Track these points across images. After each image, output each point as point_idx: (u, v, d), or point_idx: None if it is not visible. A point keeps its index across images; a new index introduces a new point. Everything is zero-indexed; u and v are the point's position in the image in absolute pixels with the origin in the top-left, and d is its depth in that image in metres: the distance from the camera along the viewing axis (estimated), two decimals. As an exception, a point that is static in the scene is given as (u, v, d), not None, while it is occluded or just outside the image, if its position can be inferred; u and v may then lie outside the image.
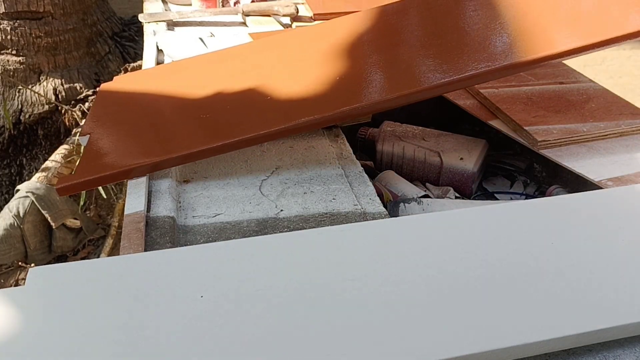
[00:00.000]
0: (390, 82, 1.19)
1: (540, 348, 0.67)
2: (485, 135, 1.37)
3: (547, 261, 0.78)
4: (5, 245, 2.16)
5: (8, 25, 2.79)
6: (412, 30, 1.39)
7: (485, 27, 1.25)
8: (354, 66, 1.24)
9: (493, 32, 1.22)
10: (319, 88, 1.17)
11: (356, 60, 1.27)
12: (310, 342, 0.66)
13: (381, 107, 1.15)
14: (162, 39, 1.77)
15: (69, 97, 2.89)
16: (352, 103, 1.09)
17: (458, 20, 1.33)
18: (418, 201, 1.10)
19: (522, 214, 0.89)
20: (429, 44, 1.27)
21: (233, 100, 1.21)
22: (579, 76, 1.48)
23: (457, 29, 1.29)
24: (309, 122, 1.07)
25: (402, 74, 1.19)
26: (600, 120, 1.22)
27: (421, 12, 1.45)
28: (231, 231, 0.93)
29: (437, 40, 1.27)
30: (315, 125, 1.09)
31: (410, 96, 1.10)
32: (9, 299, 0.72)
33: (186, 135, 1.12)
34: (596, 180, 1.05)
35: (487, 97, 1.32)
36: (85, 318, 0.69)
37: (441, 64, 1.16)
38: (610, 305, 0.71)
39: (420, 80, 1.14)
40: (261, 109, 1.15)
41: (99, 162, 1.07)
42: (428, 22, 1.39)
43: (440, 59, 1.19)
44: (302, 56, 1.36)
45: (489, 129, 1.30)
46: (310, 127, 1.09)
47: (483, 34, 1.23)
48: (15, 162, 2.84)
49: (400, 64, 1.23)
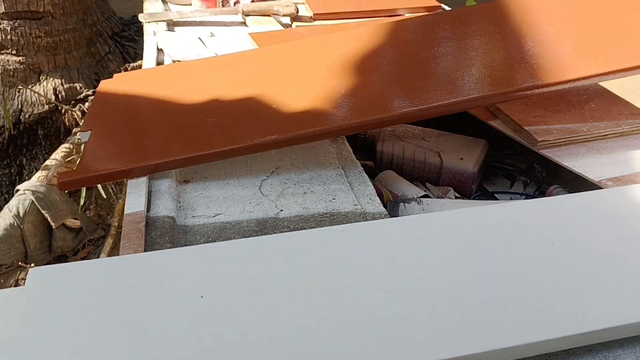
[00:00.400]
0: (391, 99, 1.19)
1: (540, 348, 0.67)
2: (485, 135, 1.37)
3: (547, 261, 0.78)
4: (5, 245, 2.16)
5: (8, 25, 2.79)
6: (412, 49, 1.39)
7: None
8: (360, 81, 1.24)
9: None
10: (321, 101, 1.18)
11: (363, 75, 1.27)
12: (310, 342, 0.66)
13: (385, 124, 1.16)
14: (162, 38, 1.77)
15: (69, 97, 2.89)
16: (359, 117, 1.10)
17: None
18: (418, 201, 1.10)
19: (523, 214, 0.89)
20: (430, 64, 1.29)
21: (237, 106, 1.21)
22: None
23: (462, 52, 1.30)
24: (311, 133, 1.08)
25: (406, 92, 1.19)
26: (600, 120, 1.22)
27: (425, 30, 1.46)
28: (231, 231, 0.93)
29: (436, 61, 1.29)
30: (315, 137, 1.10)
31: (410, 115, 1.11)
32: (9, 299, 0.72)
33: (188, 138, 1.11)
34: (596, 180, 1.05)
35: (487, 97, 1.32)
36: (85, 318, 0.69)
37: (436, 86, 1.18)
38: (610, 305, 0.71)
39: (424, 99, 1.14)
40: (265, 117, 1.14)
41: (100, 160, 1.07)
42: (431, 42, 1.40)
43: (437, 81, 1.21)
44: (306, 68, 1.36)
45: (489, 129, 1.30)
46: (312, 138, 1.10)
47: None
48: (15, 162, 2.84)
49: (406, 81, 1.24)
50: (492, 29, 1.40)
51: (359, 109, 1.14)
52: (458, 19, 1.47)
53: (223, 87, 1.30)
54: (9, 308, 0.70)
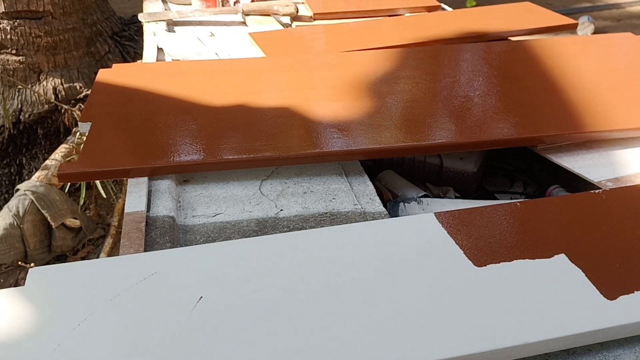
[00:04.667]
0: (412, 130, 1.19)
1: (540, 348, 0.67)
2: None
3: (548, 260, 0.78)
4: (5, 245, 2.16)
5: (8, 24, 2.79)
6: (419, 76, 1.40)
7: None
8: (372, 104, 1.25)
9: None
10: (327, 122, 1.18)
11: (376, 98, 1.28)
12: (310, 342, 0.66)
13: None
14: (162, 38, 1.77)
15: (68, 96, 2.89)
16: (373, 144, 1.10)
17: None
18: (418, 201, 1.10)
19: (522, 214, 0.89)
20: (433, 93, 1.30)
21: (241, 115, 1.21)
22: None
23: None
24: (318, 153, 1.08)
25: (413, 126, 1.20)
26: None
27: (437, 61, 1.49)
28: (231, 231, 0.93)
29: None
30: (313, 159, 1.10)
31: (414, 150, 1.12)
32: (8, 299, 0.72)
33: (190, 142, 1.11)
34: (596, 181, 1.05)
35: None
36: (84, 318, 0.69)
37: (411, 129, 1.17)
38: (609, 305, 0.71)
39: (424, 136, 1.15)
40: (273, 133, 1.14)
41: (100, 156, 1.07)
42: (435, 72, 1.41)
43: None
44: (312, 84, 1.37)
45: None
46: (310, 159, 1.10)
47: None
48: (15, 161, 2.84)
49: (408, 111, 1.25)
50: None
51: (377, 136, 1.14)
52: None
53: (230, 94, 1.30)
54: (9, 308, 0.70)
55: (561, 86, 1.36)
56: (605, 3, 5.30)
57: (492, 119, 1.20)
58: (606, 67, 1.45)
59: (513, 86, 1.35)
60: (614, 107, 1.24)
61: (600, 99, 1.27)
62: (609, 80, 1.37)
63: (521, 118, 1.19)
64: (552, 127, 1.17)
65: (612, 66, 1.46)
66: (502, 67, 1.47)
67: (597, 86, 1.34)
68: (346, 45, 1.66)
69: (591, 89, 1.32)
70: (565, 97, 1.30)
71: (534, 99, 1.28)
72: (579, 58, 1.51)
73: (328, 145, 1.09)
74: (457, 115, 1.21)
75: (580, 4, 5.23)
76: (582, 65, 1.46)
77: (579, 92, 1.31)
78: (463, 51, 1.56)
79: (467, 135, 1.14)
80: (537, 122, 1.19)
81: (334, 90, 1.32)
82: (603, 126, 1.17)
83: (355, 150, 1.09)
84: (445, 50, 1.57)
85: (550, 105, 1.26)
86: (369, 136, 1.12)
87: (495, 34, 1.77)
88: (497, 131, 1.15)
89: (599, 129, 1.16)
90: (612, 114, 1.21)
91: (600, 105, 1.25)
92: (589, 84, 1.35)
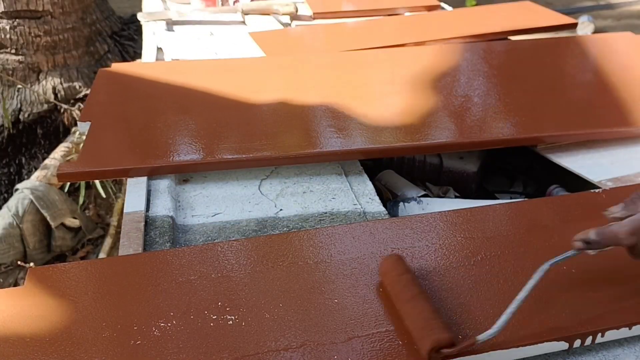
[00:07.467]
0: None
1: (540, 348, 0.67)
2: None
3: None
4: (4, 245, 2.16)
5: (7, 24, 2.79)
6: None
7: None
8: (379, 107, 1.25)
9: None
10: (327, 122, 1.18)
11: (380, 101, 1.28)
12: (311, 341, 0.66)
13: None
14: (162, 37, 1.76)
15: (68, 96, 2.89)
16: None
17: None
18: (418, 201, 1.10)
19: (522, 214, 0.89)
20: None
21: (240, 115, 1.21)
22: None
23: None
24: (318, 153, 1.08)
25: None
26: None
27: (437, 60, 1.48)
28: (230, 230, 0.93)
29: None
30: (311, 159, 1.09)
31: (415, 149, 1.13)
32: (8, 299, 0.72)
33: (190, 142, 1.11)
34: (596, 181, 1.05)
35: (487, 96, 1.32)
36: (84, 318, 0.69)
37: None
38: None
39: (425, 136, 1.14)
40: (272, 132, 1.14)
41: (100, 156, 1.06)
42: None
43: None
44: (312, 83, 1.36)
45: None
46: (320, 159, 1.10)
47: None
48: (14, 161, 2.83)
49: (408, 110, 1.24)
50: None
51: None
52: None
53: (231, 94, 1.29)
54: (8, 307, 0.70)
55: (561, 86, 1.36)
56: (605, 2, 5.30)
57: (492, 118, 1.20)
58: (606, 67, 1.44)
59: (513, 86, 1.35)
60: (614, 107, 1.24)
61: (600, 99, 1.27)
62: (609, 79, 1.37)
63: (521, 118, 1.19)
64: (552, 127, 1.17)
65: (612, 66, 1.45)
66: (502, 66, 1.47)
67: (597, 86, 1.34)
68: (346, 45, 1.66)
69: (591, 88, 1.32)
70: (565, 97, 1.30)
71: (534, 98, 1.28)
72: (579, 58, 1.51)
73: (328, 145, 1.09)
74: (457, 115, 1.21)
75: (581, 3, 5.23)
76: (582, 64, 1.46)
77: (579, 91, 1.31)
78: (463, 51, 1.56)
79: (467, 135, 1.15)
80: (537, 122, 1.19)
81: (334, 89, 1.32)
82: (603, 126, 1.17)
83: (354, 149, 1.09)
84: (445, 50, 1.57)
85: (550, 105, 1.26)
86: (369, 136, 1.12)
87: (495, 34, 1.77)
88: (497, 131, 1.15)
89: (599, 129, 1.16)
90: (612, 113, 1.21)
91: (600, 105, 1.25)
92: (589, 83, 1.35)
